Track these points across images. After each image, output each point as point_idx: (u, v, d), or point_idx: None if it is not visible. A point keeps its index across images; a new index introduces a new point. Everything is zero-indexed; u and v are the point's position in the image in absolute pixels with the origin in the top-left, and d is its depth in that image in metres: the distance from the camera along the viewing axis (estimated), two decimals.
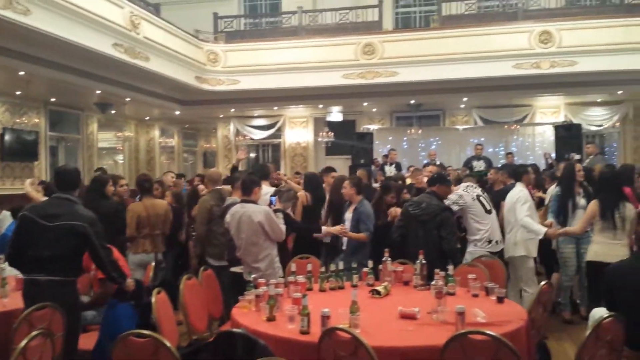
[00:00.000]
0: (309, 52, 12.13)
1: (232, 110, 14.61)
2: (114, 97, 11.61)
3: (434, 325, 3.28)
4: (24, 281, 3.75)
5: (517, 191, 5.65)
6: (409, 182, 7.44)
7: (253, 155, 16.03)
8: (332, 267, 4.38)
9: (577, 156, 9.86)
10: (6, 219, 6.17)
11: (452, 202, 5.47)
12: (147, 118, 15.78)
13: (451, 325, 3.14)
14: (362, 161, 12.58)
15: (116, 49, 9.17)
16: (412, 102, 13.46)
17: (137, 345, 2.90)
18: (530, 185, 6.37)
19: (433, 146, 13.50)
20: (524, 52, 11.16)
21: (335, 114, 14.45)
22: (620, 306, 3.60)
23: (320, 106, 14.21)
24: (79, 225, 3.69)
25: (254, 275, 4.14)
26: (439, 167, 8.53)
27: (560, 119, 13.43)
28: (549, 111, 13.92)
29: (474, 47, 11.26)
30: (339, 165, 10.31)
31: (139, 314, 4.15)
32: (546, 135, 13.16)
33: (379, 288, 4.06)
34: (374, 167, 11.99)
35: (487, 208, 5.61)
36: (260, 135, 15.35)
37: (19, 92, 10.57)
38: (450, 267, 4.11)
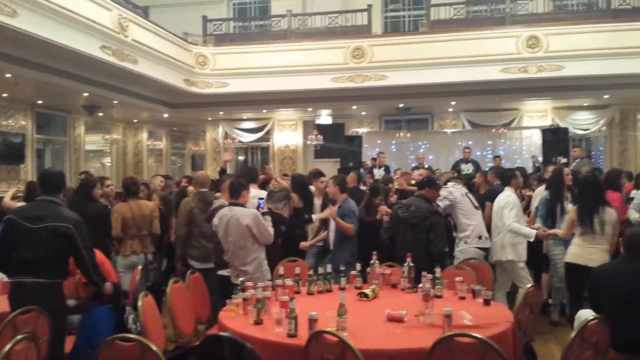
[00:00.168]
0: (298, 56, 12.15)
1: (221, 113, 14.58)
2: (101, 99, 11.55)
3: (421, 328, 3.29)
4: (10, 284, 3.72)
5: (505, 196, 5.68)
6: (396, 185, 7.47)
7: (242, 158, 15.99)
8: (320, 270, 4.38)
9: (563, 160, 9.93)
10: None
11: (442, 197, 5.56)
12: (135, 121, 15.70)
13: (438, 327, 3.14)
14: (351, 164, 12.57)
15: (104, 52, 9.13)
16: (401, 105, 13.51)
17: (123, 349, 2.88)
18: (519, 189, 6.41)
19: (422, 149, 13.56)
20: (512, 57, 11.24)
21: (325, 117, 14.46)
22: (605, 308, 3.64)
23: (310, 109, 14.23)
24: (63, 227, 3.68)
25: (241, 279, 4.13)
26: (427, 170, 8.57)
27: (547, 122, 13.55)
28: (536, 115, 14.03)
29: (462, 52, 11.33)
30: (327, 168, 10.32)
31: (116, 318, 4.15)
32: (533, 139, 13.25)
33: (366, 291, 4.07)
34: (362, 170, 12.00)
35: (475, 205, 5.69)
36: (249, 138, 15.32)
37: (5, 95, 10.48)
38: (438, 270, 4.13)
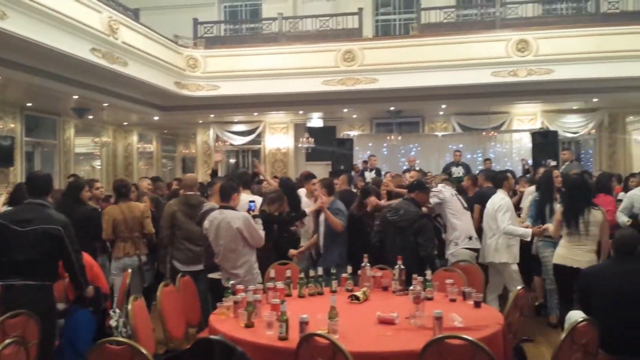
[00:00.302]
0: (289, 59, 12.14)
1: (211, 115, 14.55)
2: (91, 102, 11.49)
3: (412, 330, 3.30)
4: (0, 287, 3.70)
5: (499, 199, 5.70)
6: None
7: (233, 161, 15.96)
8: (312, 273, 4.38)
9: (553, 162, 9.99)
10: None
11: (433, 195, 5.60)
12: (126, 123, 15.63)
13: (429, 330, 3.15)
14: (342, 167, 12.60)
15: (94, 54, 9.08)
16: (392, 108, 13.54)
17: (113, 352, 2.87)
18: (511, 191, 6.44)
19: (412, 152, 13.60)
20: (502, 60, 11.29)
21: (316, 120, 14.47)
22: (594, 310, 3.66)
23: (301, 112, 14.23)
24: (52, 229, 3.68)
25: (232, 282, 4.12)
26: (419, 172, 8.59)
27: (537, 126, 13.63)
28: (526, 118, 14.12)
29: (453, 55, 11.37)
30: (319, 171, 10.30)
31: (97, 320, 4.17)
32: (523, 142, 13.34)
33: (357, 293, 4.07)
34: (354, 173, 12.02)
35: (465, 205, 5.71)
36: (240, 141, 15.30)
37: None
38: (428, 273, 4.14)
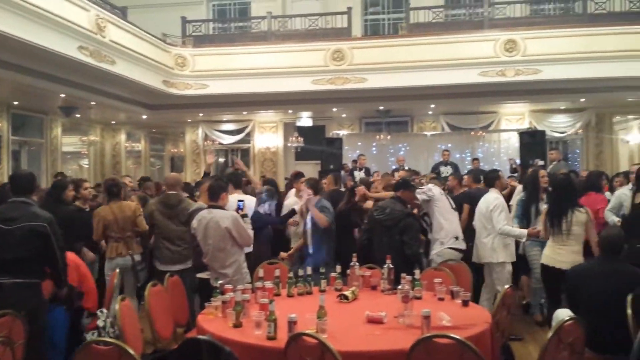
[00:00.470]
0: (278, 58, 12.12)
1: (200, 114, 14.50)
2: (79, 100, 11.41)
3: (401, 329, 3.31)
4: None
5: (493, 198, 5.70)
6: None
7: (222, 160, 15.92)
8: (300, 272, 4.38)
9: (541, 162, 10.05)
10: None
11: (421, 192, 5.61)
12: (113, 122, 15.54)
13: (417, 329, 3.16)
14: (332, 166, 12.60)
15: (81, 52, 9.01)
16: (381, 108, 13.58)
17: (100, 353, 2.86)
18: (503, 190, 6.47)
19: (402, 152, 13.63)
20: (490, 60, 11.35)
21: (305, 119, 14.46)
22: (581, 309, 3.70)
23: (290, 111, 14.22)
24: (39, 226, 3.70)
25: (220, 281, 4.11)
26: (408, 172, 8.61)
27: (524, 125, 13.72)
28: (514, 118, 14.21)
29: (441, 55, 11.41)
30: (308, 171, 10.33)
31: (71, 317, 4.22)
32: (511, 142, 13.42)
33: (346, 293, 4.07)
34: (343, 172, 12.02)
35: (453, 206, 5.73)
36: (229, 140, 15.26)
37: None
38: (417, 272, 4.15)
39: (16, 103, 11.49)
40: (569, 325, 3.07)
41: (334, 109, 13.85)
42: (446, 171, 11.21)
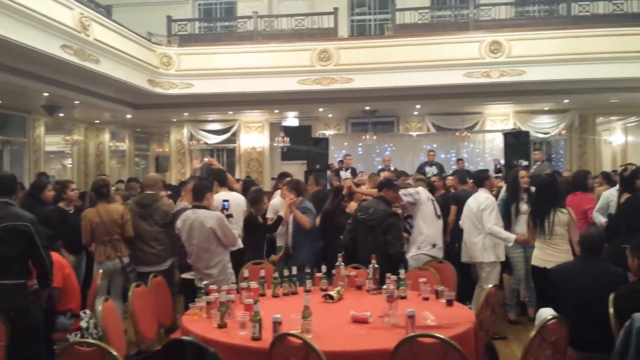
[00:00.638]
0: (264, 57, 12.10)
1: (185, 114, 14.43)
2: (62, 99, 11.29)
3: (385, 329, 3.31)
4: None
5: (484, 198, 5.73)
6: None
7: (206, 159, 15.81)
8: (286, 273, 4.37)
9: (525, 162, 10.14)
10: None
11: (408, 194, 5.60)
12: (97, 121, 15.41)
13: (402, 328, 3.17)
14: (318, 166, 12.61)
15: (65, 51, 8.92)
16: (367, 108, 13.62)
17: (82, 354, 2.83)
18: (492, 189, 6.51)
19: (387, 152, 13.68)
20: (475, 62, 11.42)
21: (291, 119, 14.46)
22: (564, 308, 3.72)
23: (276, 111, 14.20)
24: (22, 226, 3.67)
25: (205, 282, 4.09)
26: (393, 172, 8.63)
27: (509, 126, 13.82)
28: (499, 119, 14.32)
29: (427, 56, 11.46)
30: (294, 171, 10.30)
31: (45, 315, 4.15)
32: (496, 142, 13.52)
33: (331, 293, 4.07)
34: (329, 173, 12.04)
35: (438, 213, 5.74)
36: (214, 139, 15.20)
37: None
38: (402, 272, 4.16)
39: None
40: (552, 324, 3.10)
41: (320, 109, 13.85)
42: (431, 171, 11.26)
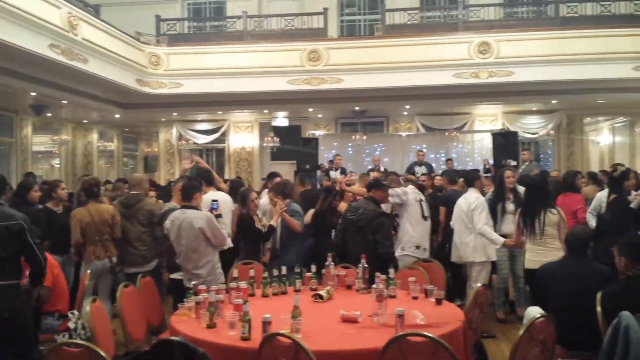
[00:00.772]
0: (254, 57, 12.07)
1: (174, 114, 14.37)
2: (50, 99, 11.21)
3: (375, 328, 3.32)
4: None
5: (474, 198, 5.76)
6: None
7: (192, 157, 15.75)
8: (275, 273, 4.36)
9: (513, 162, 10.20)
10: None
11: (395, 195, 5.61)
12: (85, 121, 15.31)
13: (391, 327, 3.18)
14: (308, 166, 12.62)
15: (53, 50, 8.84)
16: (357, 108, 13.63)
17: (70, 355, 2.82)
18: (483, 189, 6.55)
19: (377, 152, 13.71)
20: (464, 62, 11.47)
21: (281, 119, 14.44)
22: (551, 306, 3.75)
23: (266, 111, 14.19)
24: (15, 225, 3.63)
25: (194, 282, 4.07)
26: (383, 172, 8.65)
27: (497, 126, 13.91)
28: (488, 119, 14.40)
29: (417, 56, 11.49)
30: (284, 171, 10.30)
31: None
32: (484, 142, 13.59)
33: (321, 292, 4.08)
34: (320, 173, 12.05)
35: (425, 215, 5.74)
36: (204, 139, 15.14)
37: None
38: (392, 271, 4.17)
39: None
40: (540, 323, 3.12)
41: (310, 109, 13.86)
42: (421, 171, 11.30)
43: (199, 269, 4.50)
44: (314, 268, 4.48)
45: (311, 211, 6.31)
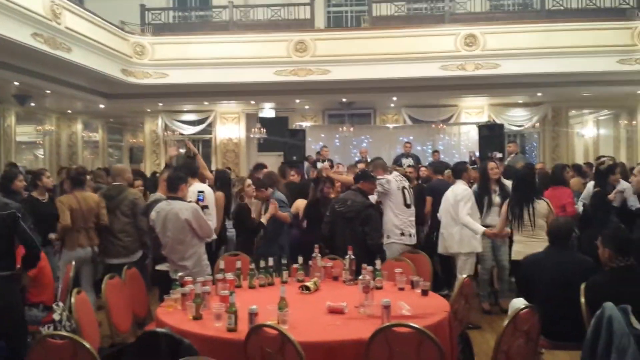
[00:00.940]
0: (240, 48, 11.99)
1: (160, 104, 14.25)
2: (33, 89, 11.07)
3: (361, 319, 3.33)
4: None
5: (461, 190, 5.79)
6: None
7: (182, 151, 15.65)
8: (262, 264, 4.36)
9: (499, 155, 10.26)
10: None
11: (378, 184, 5.64)
12: (70, 111, 15.13)
13: (377, 318, 3.19)
14: (295, 158, 12.60)
15: (36, 39, 8.71)
16: (344, 100, 13.62)
17: (54, 347, 2.79)
18: (471, 181, 6.57)
19: (364, 144, 13.71)
20: (450, 54, 11.49)
21: (268, 111, 14.38)
22: (535, 297, 3.79)
23: (252, 102, 14.13)
24: (10, 214, 3.59)
25: (180, 274, 4.05)
26: (367, 163, 8.65)
27: (484, 119, 13.99)
28: (474, 111, 14.46)
29: (403, 48, 11.49)
30: (271, 162, 10.29)
31: None
32: (471, 135, 13.64)
33: (308, 284, 4.08)
34: (307, 164, 12.03)
35: (407, 202, 5.75)
36: (190, 130, 15.04)
37: None
38: (378, 262, 4.18)
39: None
40: (525, 314, 3.15)
41: (297, 101, 13.81)
42: (408, 163, 11.32)
43: (185, 260, 4.48)
44: (300, 259, 4.48)
45: (298, 202, 6.32)
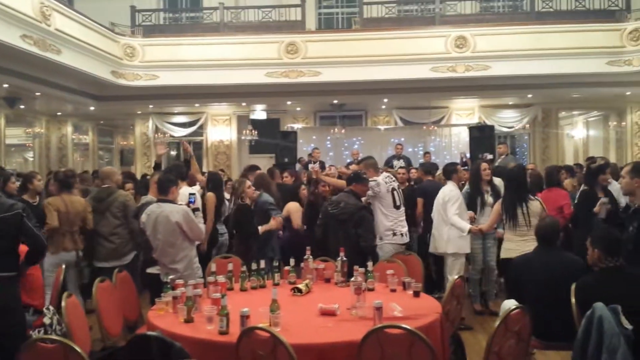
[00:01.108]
0: (231, 49, 11.97)
1: (150, 106, 14.19)
2: (22, 91, 10.99)
3: (353, 320, 3.33)
4: None
5: (448, 190, 5.85)
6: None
7: (174, 153, 15.63)
8: (254, 266, 4.35)
9: (490, 156, 10.29)
10: None
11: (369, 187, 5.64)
12: (59, 113, 15.03)
13: (369, 320, 3.19)
14: (286, 160, 12.59)
15: (25, 41, 8.66)
16: (335, 102, 13.63)
17: (45, 351, 2.78)
18: (461, 182, 6.59)
19: (356, 145, 13.73)
20: (441, 56, 11.54)
21: (259, 112, 14.36)
22: (526, 297, 3.80)
23: (244, 104, 14.10)
24: (16, 214, 3.53)
25: (171, 277, 4.03)
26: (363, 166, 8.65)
27: (474, 120, 14.05)
28: (465, 113, 14.52)
29: (394, 50, 11.52)
30: (263, 164, 10.23)
31: None
32: (462, 136, 13.69)
33: (300, 286, 4.07)
34: (299, 166, 12.03)
35: (397, 204, 5.77)
36: (181, 132, 14.97)
37: None
38: (370, 264, 4.18)
39: None
40: (515, 314, 3.16)
41: (288, 102, 13.81)
42: (399, 164, 11.35)
43: (176, 263, 4.46)
44: (292, 262, 4.48)
45: (289, 205, 6.30)
